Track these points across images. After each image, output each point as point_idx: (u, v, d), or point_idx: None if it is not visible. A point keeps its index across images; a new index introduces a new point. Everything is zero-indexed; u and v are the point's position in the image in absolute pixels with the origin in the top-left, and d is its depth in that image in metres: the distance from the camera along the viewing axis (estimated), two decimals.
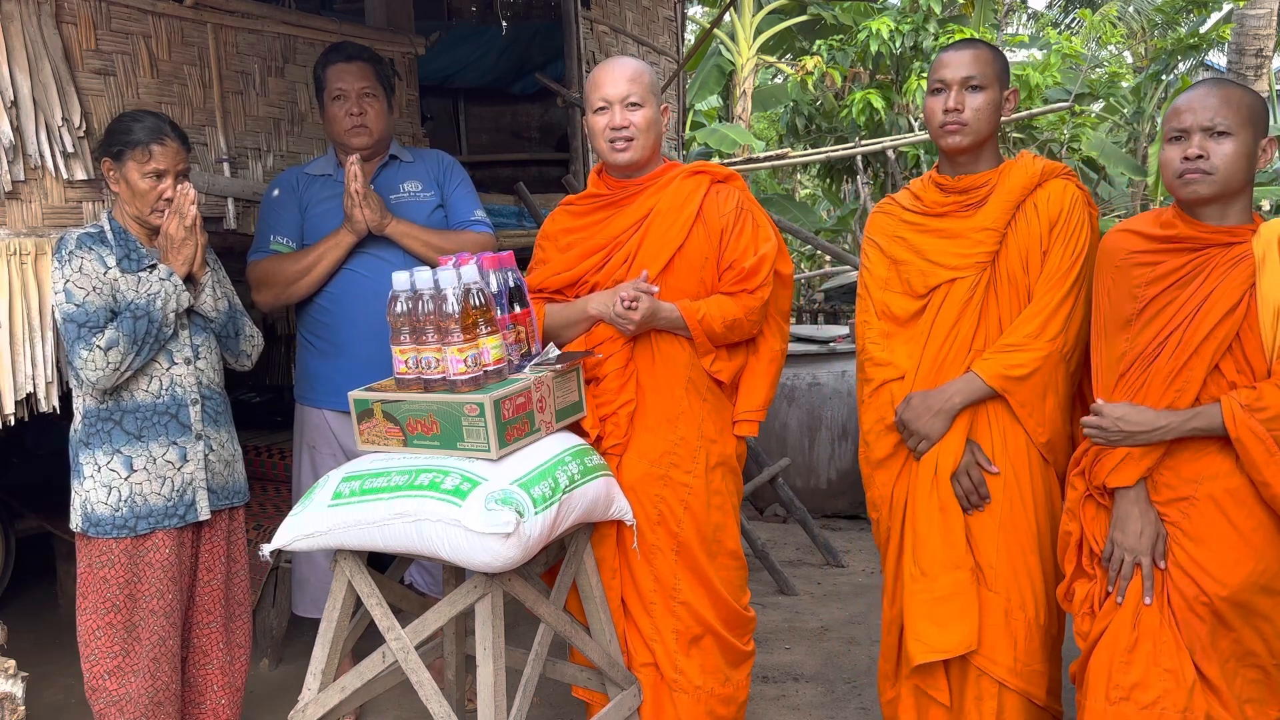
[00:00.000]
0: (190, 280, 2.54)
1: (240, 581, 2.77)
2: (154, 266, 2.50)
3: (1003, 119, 2.38)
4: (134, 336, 2.42)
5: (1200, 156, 1.97)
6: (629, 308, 2.41)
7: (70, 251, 2.44)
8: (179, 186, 2.49)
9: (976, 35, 10.71)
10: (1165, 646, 2.01)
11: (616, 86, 2.49)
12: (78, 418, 2.53)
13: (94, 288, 2.43)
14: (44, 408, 2.59)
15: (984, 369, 2.29)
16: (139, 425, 2.50)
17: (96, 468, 2.48)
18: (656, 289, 2.47)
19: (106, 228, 2.52)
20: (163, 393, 2.53)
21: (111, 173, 2.51)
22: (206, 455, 2.60)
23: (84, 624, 2.50)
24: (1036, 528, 2.33)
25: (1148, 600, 2.03)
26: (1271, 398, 1.91)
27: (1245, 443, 1.92)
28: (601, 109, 2.51)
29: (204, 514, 2.59)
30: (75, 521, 2.51)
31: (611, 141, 2.51)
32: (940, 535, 2.32)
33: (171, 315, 2.48)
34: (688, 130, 11.41)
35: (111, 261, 2.47)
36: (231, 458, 2.70)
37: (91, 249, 2.46)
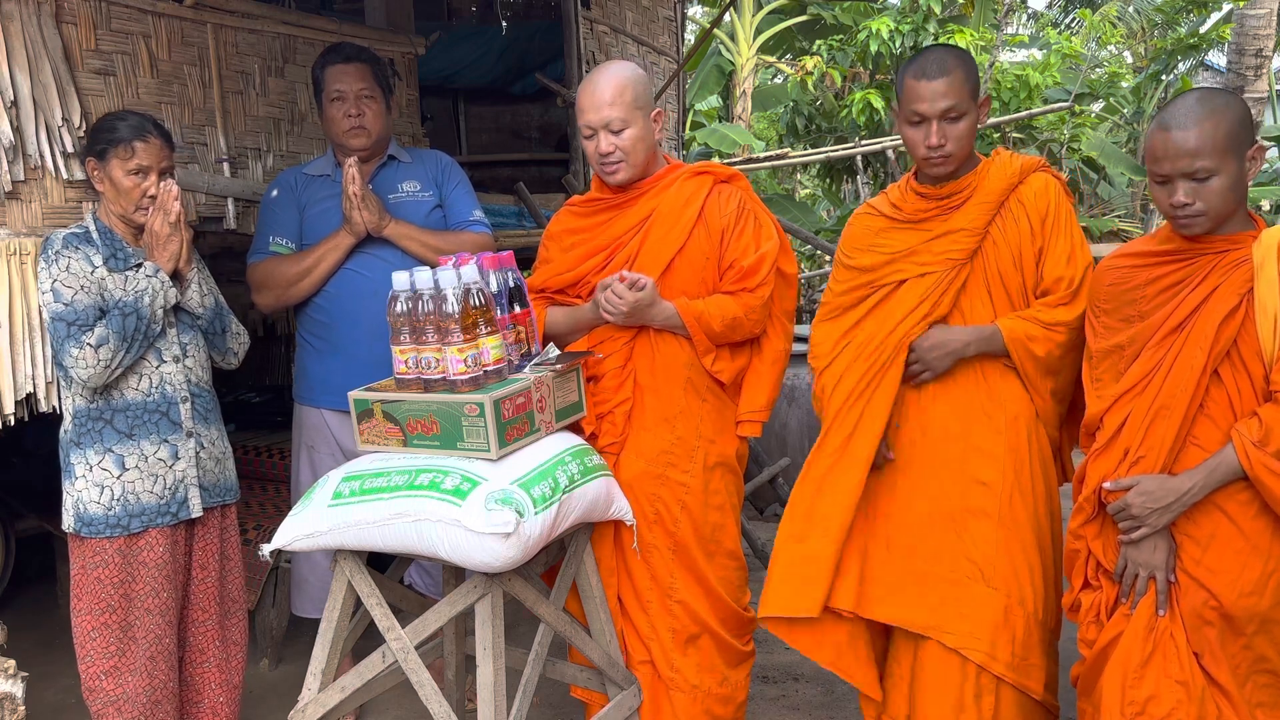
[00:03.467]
0: (177, 277, 2.54)
1: (235, 579, 2.77)
2: (140, 265, 2.50)
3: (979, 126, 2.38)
4: (124, 334, 2.42)
5: (1187, 204, 1.94)
6: (631, 287, 2.40)
7: (57, 251, 2.44)
8: (163, 184, 2.49)
9: (962, 40, 10.62)
10: (1175, 657, 2.00)
11: (598, 112, 2.46)
12: (67, 418, 2.53)
13: (82, 286, 2.43)
14: (44, 408, 2.59)
15: (1010, 328, 2.29)
16: (130, 424, 2.50)
17: (88, 467, 2.48)
18: (651, 280, 2.45)
19: (92, 227, 2.52)
20: (153, 391, 2.53)
21: (96, 172, 2.51)
22: (198, 453, 2.60)
23: (79, 625, 2.50)
24: (1036, 522, 2.33)
25: (1161, 612, 2.02)
26: (1274, 423, 1.89)
27: (1263, 480, 1.90)
28: (588, 136, 2.51)
29: (196, 511, 2.59)
30: (67, 522, 2.51)
31: (602, 166, 2.52)
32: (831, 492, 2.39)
33: (160, 312, 2.48)
34: (688, 130, 11.41)
35: (98, 260, 2.47)
36: (222, 455, 2.70)
37: (78, 248, 2.46)
